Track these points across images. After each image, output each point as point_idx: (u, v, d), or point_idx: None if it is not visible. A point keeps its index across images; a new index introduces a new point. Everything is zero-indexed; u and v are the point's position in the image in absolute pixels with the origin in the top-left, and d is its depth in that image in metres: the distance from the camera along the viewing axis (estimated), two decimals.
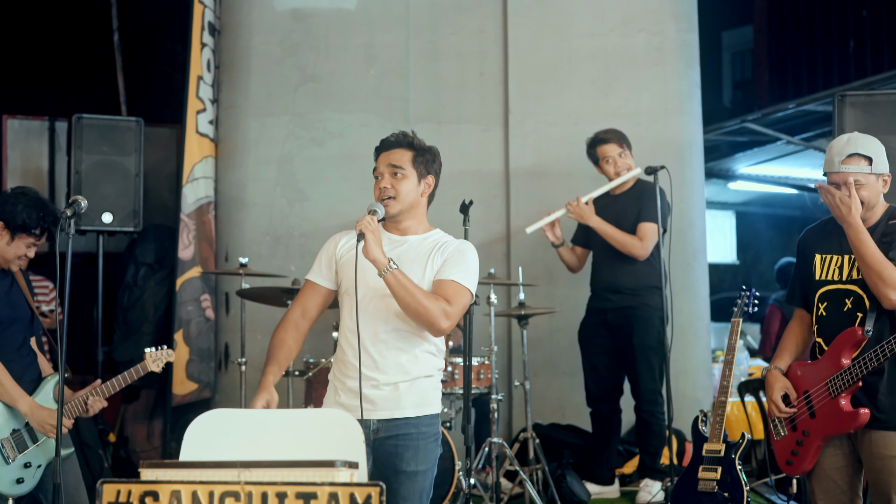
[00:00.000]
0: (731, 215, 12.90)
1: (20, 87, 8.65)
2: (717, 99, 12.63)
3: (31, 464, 4.25)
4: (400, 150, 3.69)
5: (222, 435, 3.05)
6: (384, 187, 3.63)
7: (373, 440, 3.53)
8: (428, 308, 3.47)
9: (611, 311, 5.98)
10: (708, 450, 4.96)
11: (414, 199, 3.67)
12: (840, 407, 3.78)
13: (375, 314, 3.58)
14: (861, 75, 9.43)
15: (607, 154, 6.00)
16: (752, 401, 6.23)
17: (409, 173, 3.66)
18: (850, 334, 3.79)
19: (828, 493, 3.89)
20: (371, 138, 6.88)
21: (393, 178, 3.64)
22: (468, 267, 3.60)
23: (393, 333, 3.58)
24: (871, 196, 3.82)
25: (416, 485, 3.55)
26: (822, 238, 3.97)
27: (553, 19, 7.07)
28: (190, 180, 6.70)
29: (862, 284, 3.80)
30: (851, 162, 3.80)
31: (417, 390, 3.59)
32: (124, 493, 2.64)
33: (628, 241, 5.88)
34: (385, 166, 3.66)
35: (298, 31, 6.95)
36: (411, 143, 3.71)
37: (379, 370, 3.56)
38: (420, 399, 3.58)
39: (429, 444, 3.59)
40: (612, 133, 6.03)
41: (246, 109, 6.92)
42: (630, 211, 5.94)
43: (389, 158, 3.67)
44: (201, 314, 6.82)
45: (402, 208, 3.64)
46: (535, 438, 5.79)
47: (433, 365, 3.65)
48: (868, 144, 3.84)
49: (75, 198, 3.97)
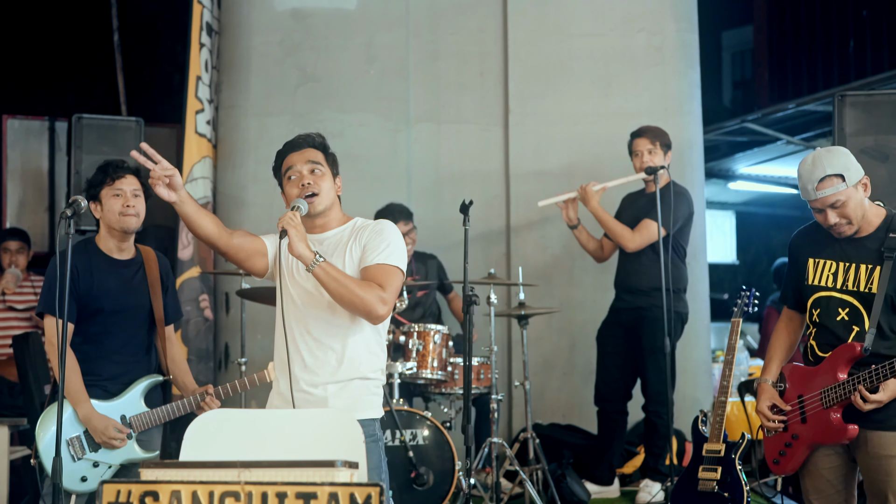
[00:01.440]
0: (731, 215, 12.90)
1: (20, 87, 8.66)
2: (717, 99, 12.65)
3: (101, 463, 4.21)
4: (312, 150, 3.62)
5: (222, 435, 3.06)
6: (307, 183, 3.54)
7: None
8: (362, 297, 3.37)
9: (624, 310, 6.00)
10: (708, 450, 4.96)
11: (333, 196, 3.61)
12: (830, 420, 3.78)
13: (305, 311, 3.50)
14: (861, 75, 9.44)
15: (637, 148, 5.98)
16: (752, 401, 6.22)
17: (326, 171, 3.60)
18: (849, 349, 3.76)
19: (822, 492, 3.89)
20: (371, 138, 6.98)
21: (312, 174, 3.56)
22: (390, 244, 3.50)
23: (324, 330, 3.48)
24: (856, 207, 3.74)
25: None
26: (814, 242, 3.92)
27: (553, 19, 7.08)
28: (189, 180, 6.71)
29: (859, 296, 3.77)
30: (825, 185, 3.70)
31: (348, 394, 3.47)
32: (124, 493, 2.64)
33: (619, 229, 5.90)
34: (303, 163, 3.57)
35: (298, 31, 6.95)
36: (322, 143, 3.66)
37: (308, 370, 3.48)
38: (351, 403, 3.45)
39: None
40: (648, 129, 6.00)
41: (246, 109, 6.92)
42: (653, 210, 5.92)
43: (305, 156, 3.59)
44: (199, 314, 6.82)
45: (326, 205, 3.57)
46: (535, 438, 5.79)
47: (370, 366, 3.53)
48: (834, 160, 3.74)
49: (75, 198, 3.95)
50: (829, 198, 3.71)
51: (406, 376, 5.70)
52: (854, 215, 3.75)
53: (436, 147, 7.00)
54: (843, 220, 3.75)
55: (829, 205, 3.72)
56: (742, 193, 12.37)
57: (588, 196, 5.96)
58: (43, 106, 8.10)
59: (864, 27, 9.90)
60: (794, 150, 10.02)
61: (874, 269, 3.75)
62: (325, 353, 3.48)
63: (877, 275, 3.73)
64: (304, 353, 3.49)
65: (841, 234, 3.79)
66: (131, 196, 4.23)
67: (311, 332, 3.50)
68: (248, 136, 6.89)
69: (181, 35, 7.07)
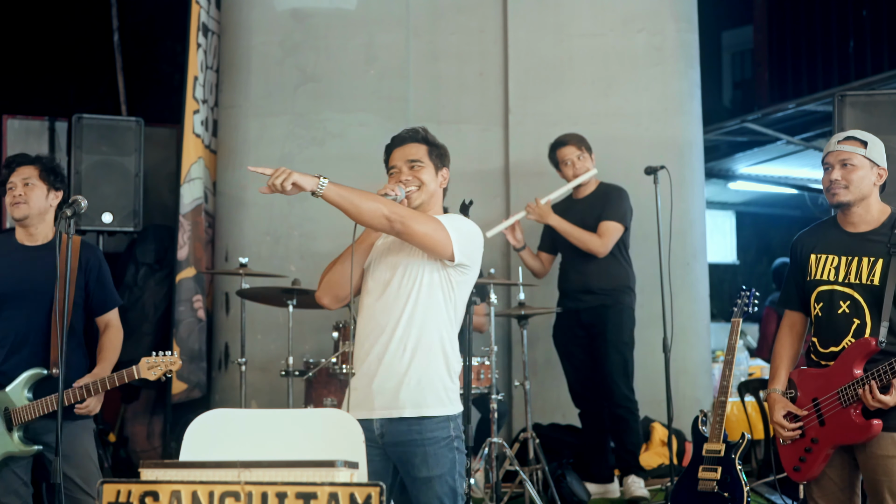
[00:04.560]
0: (731, 215, 12.89)
1: (20, 87, 8.65)
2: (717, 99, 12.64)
3: None
4: (414, 145, 3.61)
5: (222, 435, 3.05)
6: (407, 179, 3.53)
7: (381, 444, 3.42)
8: (372, 207, 3.30)
9: (584, 311, 6.00)
10: (708, 450, 4.96)
11: (435, 188, 3.59)
12: (852, 417, 3.75)
13: (383, 308, 3.47)
14: (861, 75, 9.43)
15: (566, 157, 6.05)
16: (752, 401, 6.23)
17: (427, 165, 3.58)
18: (864, 345, 3.74)
19: (825, 491, 3.88)
20: (371, 138, 6.97)
21: (411, 171, 3.56)
22: (459, 229, 3.46)
23: (403, 328, 3.43)
24: (861, 180, 3.82)
25: (433, 490, 3.38)
26: (816, 239, 3.95)
27: (553, 19, 7.08)
28: (187, 180, 6.72)
29: (861, 289, 3.78)
30: (848, 143, 3.86)
31: (420, 389, 3.41)
32: (124, 493, 2.64)
33: (586, 237, 5.93)
34: (402, 161, 3.58)
35: (298, 31, 6.94)
36: (425, 137, 3.64)
37: (382, 365, 3.43)
38: (421, 399, 3.40)
39: (439, 450, 3.40)
40: (570, 136, 6.10)
41: (246, 109, 6.91)
42: (593, 213, 5.99)
43: (405, 153, 3.59)
44: (193, 315, 6.82)
45: (425, 198, 3.55)
46: (535, 438, 5.79)
47: (444, 363, 3.47)
48: (868, 136, 3.90)
49: (75, 198, 3.97)
50: (844, 153, 3.83)
51: None
52: (855, 184, 3.81)
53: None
54: (843, 181, 3.81)
55: (841, 160, 3.83)
56: (742, 193, 12.36)
57: (544, 212, 5.98)
58: (43, 106, 8.09)
59: (864, 27, 9.89)
60: (794, 150, 10.03)
61: (876, 261, 3.77)
62: (400, 351, 3.44)
63: (879, 267, 3.76)
64: (376, 349, 3.46)
65: (835, 196, 3.83)
66: (21, 186, 4.35)
67: (389, 329, 3.46)
68: (248, 136, 6.89)
69: (181, 35, 7.07)
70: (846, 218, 3.89)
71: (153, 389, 7.15)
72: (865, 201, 3.85)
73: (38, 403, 4.23)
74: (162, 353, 4.25)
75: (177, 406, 6.69)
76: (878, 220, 3.85)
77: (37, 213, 4.36)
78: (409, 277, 3.45)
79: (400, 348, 3.42)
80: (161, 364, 4.22)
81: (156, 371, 4.21)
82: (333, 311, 3.88)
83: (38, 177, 4.36)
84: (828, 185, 3.86)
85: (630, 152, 6.68)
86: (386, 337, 3.43)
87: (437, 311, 3.45)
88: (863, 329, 3.77)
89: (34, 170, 4.38)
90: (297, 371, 5.75)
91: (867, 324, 3.77)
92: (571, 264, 6.08)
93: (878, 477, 3.74)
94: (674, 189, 5.86)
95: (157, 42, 8.89)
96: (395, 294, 3.45)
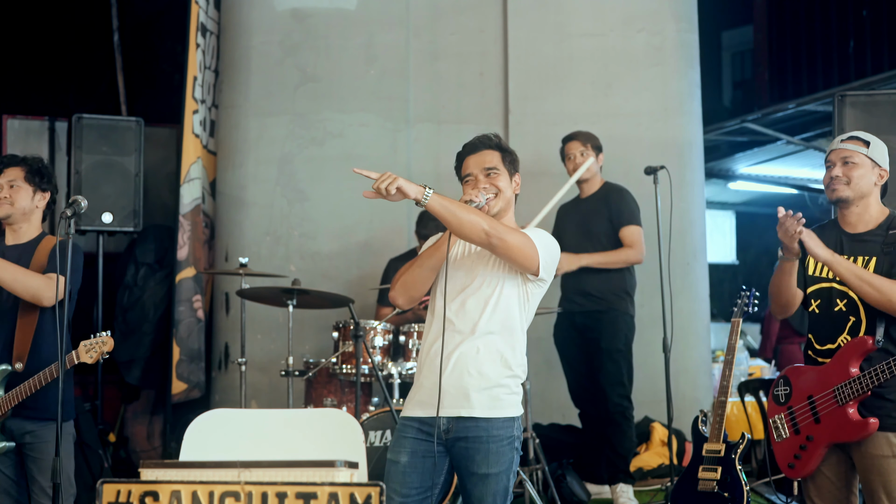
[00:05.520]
0: (731, 215, 12.90)
1: (20, 87, 8.65)
2: (717, 99, 12.64)
3: None
4: (489, 152, 3.62)
5: (222, 435, 3.06)
6: (485, 187, 3.54)
7: (445, 440, 3.48)
8: (473, 220, 3.35)
9: (578, 314, 5.98)
10: (708, 450, 4.96)
11: (510, 195, 3.62)
12: (848, 416, 3.77)
13: (458, 312, 3.51)
14: (861, 75, 9.42)
15: (569, 151, 6.03)
16: (752, 401, 6.23)
17: (502, 172, 3.60)
18: (860, 343, 3.78)
19: (822, 490, 3.90)
20: (371, 138, 6.98)
21: (487, 178, 3.57)
22: (537, 231, 3.56)
23: (479, 333, 3.48)
24: (861, 178, 3.87)
25: (489, 487, 3.50)
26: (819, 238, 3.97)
27: (553, 19, 7.07)
28: (187, 180, 6.72)
29: None
30: (851, 142, 3.93)
31: (490, 391, 3.48)
32: (124, 493, 2.64)
33: (620, 256, 5.87)
34: (478, 169, 3.59)
35: (298, 31, 6.94)
36: (498, 144, 3.66)
37: (455, 366, 3.48)
38: (491, 401, 3.47)
39: (501, 448, 3.50)
40: (579, 133, 6.06)
41: (246, 109, 6.92)
42: (599, 213, 5.94)
43: (481, 161, 3.60)
44: (192, 315, 6.82)
45: (502, 205, 3.58)
46: (535, 438, 5.78)
47: (512, 370, 3.52)
48: (872, 137, 3.96)
49: (75, 198, 3.98)
50: (846, 151, 3.91)
51: (406, 376, 5.70)
52: (855, 181, 3.87)
53: (436, 147, 7.00)
54: (844, 177, 3.88)
55: (843, 158, 3.90)
56: (742, 193, 12.37)
57: (571, 262, 5.79)
58: (43, 106, 8.09)
59: (864, 27, 9.88)
60: (794, 150, 10.03)
61: (870, 260, 3.82)
62: (474, 352, 3.49)
63: (872, 266, 3.81)
64: (448, 346, 3.49)
65: (834, 191, 3.89)
66: (7, 188, 4.40)
67: (467, 334, 3.51)
68: (248, 136, 6.89)
69: (181, 35, 7.07)
70: (845, 217, 3.93)
71: (153, 389, 7.15)
72: (865, 200, 3.88)
73: (6, 399, 4.23)
74: (97, 335, 4.20)
75: (177, 406, 6.69)
76: (877, 220, 3.90)
77: (20, 214, 4.42)
78: (489, 286, 3.52)
79: (472, 350, 3.48)
80: (96, 346, 4.16)
81: (92, 354, 4.15)
82: (334, 311, 3.89)
83: (24, 178, 4.42)
84: (828, 181, 3.92)
85: (630, 152, 6.67)
86: (459, 338, 3.49)
87: (512, 321, 3.53)
88: (858, 326, 3.81)
89: (20, 171, 4.44)
90: (297, 371, 5.74)
91: (862, 321, 3.81)
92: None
93: (873, 476, 3.76)
94: (674, 189, 5.86)
95: (157, 42, 8.89)
96: (473, 300, 3.51)
